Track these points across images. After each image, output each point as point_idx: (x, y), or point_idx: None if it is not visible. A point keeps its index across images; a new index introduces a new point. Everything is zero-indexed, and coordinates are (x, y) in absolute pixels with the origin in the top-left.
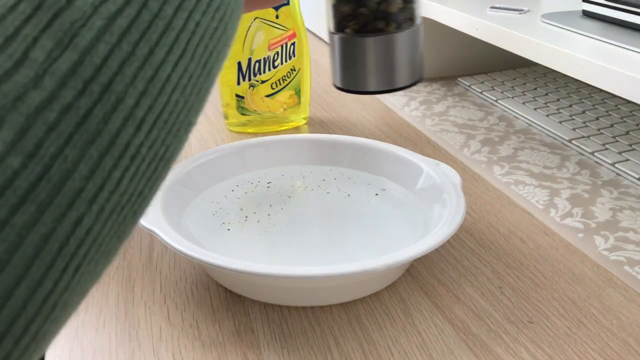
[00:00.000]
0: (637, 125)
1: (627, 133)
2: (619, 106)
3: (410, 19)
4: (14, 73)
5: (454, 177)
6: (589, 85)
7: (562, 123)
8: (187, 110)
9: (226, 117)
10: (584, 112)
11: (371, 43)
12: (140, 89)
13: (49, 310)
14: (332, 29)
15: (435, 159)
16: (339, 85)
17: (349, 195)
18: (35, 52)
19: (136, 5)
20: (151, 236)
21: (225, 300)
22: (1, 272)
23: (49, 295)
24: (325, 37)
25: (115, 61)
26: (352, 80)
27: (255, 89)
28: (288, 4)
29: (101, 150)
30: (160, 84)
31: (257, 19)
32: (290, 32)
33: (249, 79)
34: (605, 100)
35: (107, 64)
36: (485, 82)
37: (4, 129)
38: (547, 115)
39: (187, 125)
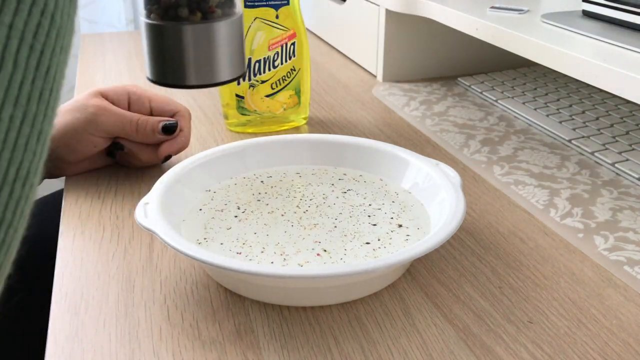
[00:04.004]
0: (637, 125)
1: (627, 133)
2: (619, 106)
3: (226, 10)
4: None
5: (454, 177)
6: (589, 85)
7: (562, 123)
8: (32, 120)
9: (226, 117)
10: (584, 112)
11: (173, 31)
12: None
13: None
14: (141, 12)
15: (435, 159)
16: (150, 77)
17: (347, 195)
18: None
19: None
20: (151, 236)
21: (225, 300)
22: None
23: None
24: (326, 37)
25: None
26: (162, 72)
27: (255, 89)
28: (288, 4)
29: None
30: None
31: (257, 19)
32: (290, 32)
33: (249, 79)
34: (605, 100)
35: None
36: (485, 82)
37: None
38: (547, 115)
39: (37, 135)
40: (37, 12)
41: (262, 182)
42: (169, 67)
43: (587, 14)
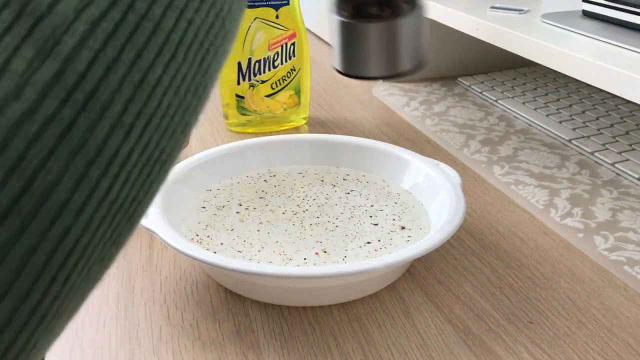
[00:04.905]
0: (637, 125)
1: (627, 133)
2: (619, 106)
3: (411, 3)
4: None
5: (454, 177)
6: (589, 85)
7: (562, 123)
8: (183, 111)
9: (226, 117)
10: (584, 112)
11: (363, 29)
12: (127, 95)
13: (37, 320)
14: (332, 9)
15: (435, 159)
16: (338, 68)
17: (348, 195)
18: (16, 62)
19: (122, 8)
20: (151, 236)
21: (225, 300)
22: None
23: (36, 307)
24: (326, 37)
25: (99, 67)
26: (350, 64)
27: (255, 89)
28: (288, 4)
29: (87, 160)
30: (150, 87)
31: (257, 19)
32: (290, 32)
33: (249, 79)
34: (605, 100)
35: (91, 70)
36: (485, 82)
37: None
38: (547, 115)
39: (184, 126)
40: (213, 14)
41: (265, 181)
42: (355, 60)
43: (587, 14)
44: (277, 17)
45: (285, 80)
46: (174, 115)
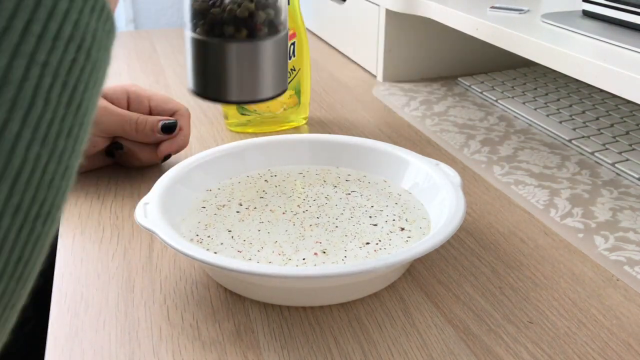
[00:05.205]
0: (637, 125)
1: (627, 133)
2: (619, 106)
3: (272, 29)
4: None
5: (454, 177)
6: (589, 85)
7: (562, 123)
8: (59, 156)
9: (226, 117)
10: (584, 112)
11: (217, 48)
12: None
13: None
14: (186, 24)
15: (435, 159)
16: (192, 88)
17: (349, 196)
18: None
19: None
20: (151, 236)
21: (225, 300)
22: None
23: None
24: (326, 37)
25: None
26: (204, 85)
27: None
28: (288, 4)
29: None
30: (8, 147)
31: None
32: (290, 32)
33: None
34: (605, 100)
35: None
36: (485, 82)
37: None
38: (547, 115)
39: (64, 170)
40: (73, 48)
41: (266, 181)
42: (211, 82)
43: (587, 14)
44: None
45: None
46: (47, 164)
